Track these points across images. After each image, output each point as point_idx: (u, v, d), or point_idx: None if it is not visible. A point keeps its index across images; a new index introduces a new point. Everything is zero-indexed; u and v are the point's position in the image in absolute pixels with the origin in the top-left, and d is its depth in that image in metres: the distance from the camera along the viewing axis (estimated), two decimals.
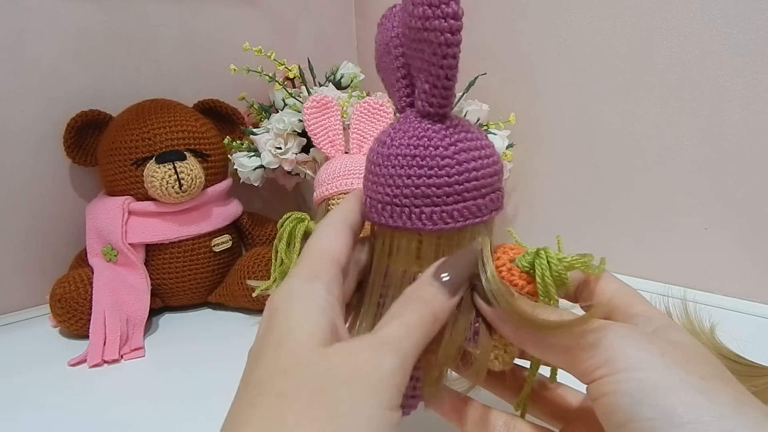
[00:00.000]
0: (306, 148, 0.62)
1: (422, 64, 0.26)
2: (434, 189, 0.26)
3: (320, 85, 0.68)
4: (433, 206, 0.26)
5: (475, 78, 0.62)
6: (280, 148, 0.61)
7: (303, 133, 0.60)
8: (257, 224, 0.65)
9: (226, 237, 0.60)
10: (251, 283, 0.54)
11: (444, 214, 0.26)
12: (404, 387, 0.22)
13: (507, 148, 0.65)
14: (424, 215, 0.26)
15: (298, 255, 0.47)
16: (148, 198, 0.56)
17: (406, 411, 0.27)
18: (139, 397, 0.43)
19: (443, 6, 0.23)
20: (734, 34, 0.51)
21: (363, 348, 0.22)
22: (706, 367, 0.21)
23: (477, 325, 0.27)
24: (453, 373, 0.28)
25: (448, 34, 0.23)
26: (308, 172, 0.62)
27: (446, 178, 0.26)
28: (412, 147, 0.26)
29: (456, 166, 0.26)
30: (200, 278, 0.58)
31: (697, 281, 0.57)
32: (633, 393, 0.20)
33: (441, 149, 0.26)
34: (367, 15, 0.86)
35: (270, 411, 0.20)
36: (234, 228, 0.63)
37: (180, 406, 0.41)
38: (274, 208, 0.76)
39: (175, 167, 0.54)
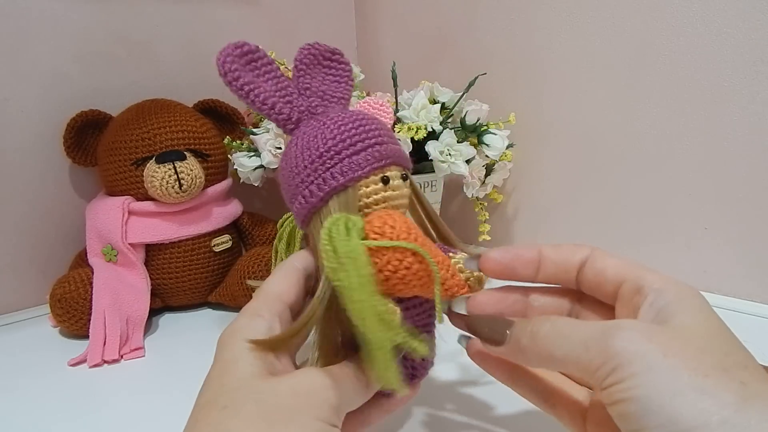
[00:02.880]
0: None
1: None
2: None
3: None
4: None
5: (475, 78, 0.62)
6: (280, 148, 0.61)
7: None
8: (257, 224, 0.65)
9: (226, 237, 0.60)
10: (251, 283, 0.54)
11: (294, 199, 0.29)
12: (342, 417, 0.24)
13: (507, 148, 0.65)
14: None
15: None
16: (148, 198, 0.56)
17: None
18: (139, 397, 0.43)
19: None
20: (734, 34, 0.51)
21: (308, 372, 0.24)
22: (710, 358, 0.21)
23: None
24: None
25: None
26: None
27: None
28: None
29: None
30: (200, 278, 0.58)
31: (697, 281, 0.57)
32: (640, 400, 0.20)
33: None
34: (367, 15, 0.86)
35: (213, 420, 0.22)
36: (234, 228, 0.63)
37: (180, 406, 0.41)
38: (274, 208, 0.76)
39: (175, 167, 0.54)
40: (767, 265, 0.53)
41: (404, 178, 0.30)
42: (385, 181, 0.29)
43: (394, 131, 0.59)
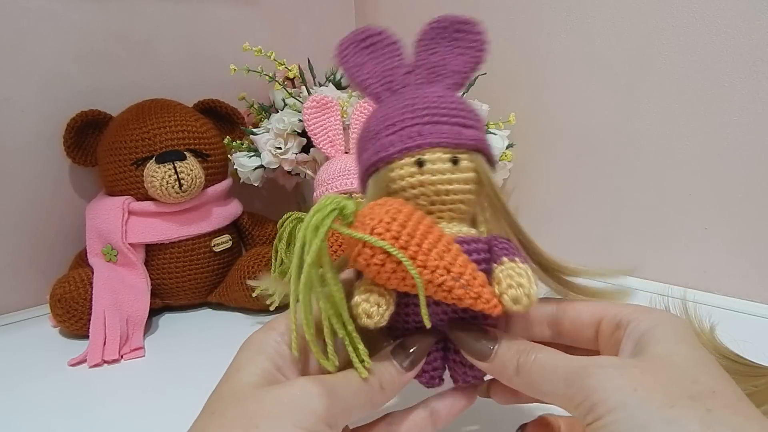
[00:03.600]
0: (306, 148, 0.62)
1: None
2: None
3: (320, 85, 0.68)
4: None
5: (475, 78, 0.62)
6: (280, 148, 0.61)
7: (303, 133, 0.60)
8: (257, 224, 0.65)
9: (226, 237, 0.60)
10: (251, 283, 0.54)
11: None
12: (333, 425, 0.24)
13: (507, 148, 0.65)
14: None
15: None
16: (148, 198, 0.56)
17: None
18: (139, 397, 0.43)
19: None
20: (734, 34, 0.51)
21: (299, 381, 0.24)
22: (678, 387, 0.21)
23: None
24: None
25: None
26: (308, 172, 0.62)
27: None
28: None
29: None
30: (200, 278, 0.58)
31: (697, 281, 0.57)
32: None
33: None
34: (367, 15, 0.86)
35: (199, 426, 0.23)
36: (234, 228, 0.63)
37: (180, 406, 0.41)
38: (274, 208, 0.76)
39: (175, 167, 0.54)
40: (767, 265, 0.53)
41: (454, 161, 0.27)
42: (420, 163, 0.27)
43: None
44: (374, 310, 0.25)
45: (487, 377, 0.29)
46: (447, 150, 0.27)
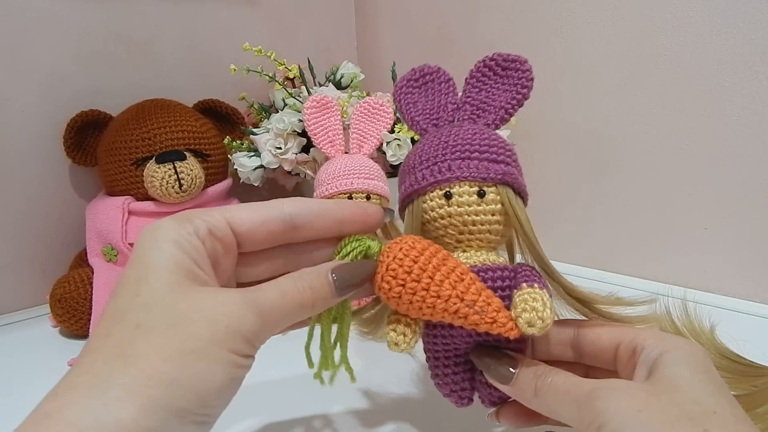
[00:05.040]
0: (306, 148, 0.62)
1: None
2: None
3: (320, 85, 0.68)
4: None
5: None
6: (280, 148, 0.61)
7: (303, 133, 0.60)
8: None
9: None
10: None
11: None
12: (258, 346, 0.23)
13: None
14: None
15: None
16: (148, 198, 0.56)
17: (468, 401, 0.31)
18: None
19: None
20: (734, 34, 0.51)
21: (230, 299, 0.23)
22: (678, 409, 0.22)
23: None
24: None
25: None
26: (308, 172, 0.62)
27: None
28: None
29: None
30: None
31: (697, 281, 0.57)
32: None
33: None
34: (367, 15, 0.86)
35: (123, 339, 0.21)
36: None
37: None
38: None
39: (175, 167, 0.54)
40: (767, 265, 0.53)
41: (480, 194, 0.29)
42: (448, 196, 0.29)
43: (393, 131, 0.59)
44: (401, 338, 0.28)
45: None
46: (474, 183, 0.29)
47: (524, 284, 0.28)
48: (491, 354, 0.29)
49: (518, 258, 0.31)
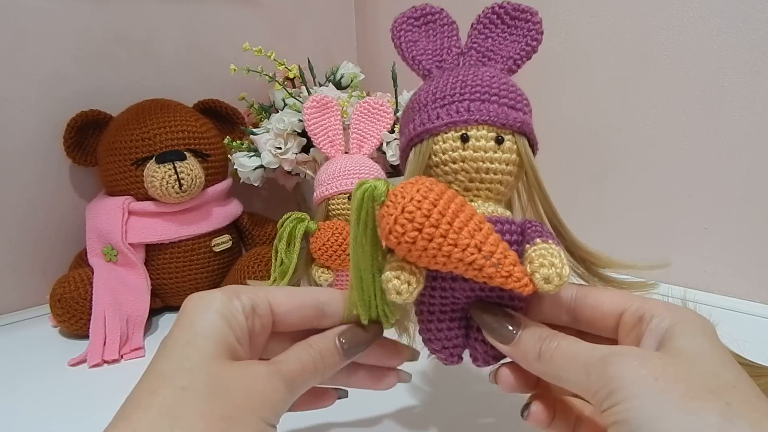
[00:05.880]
0: (306, 148, 0.62)
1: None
2: None
3: (320, 85, 0.68)
4: None
5: None
6: (280, 148, 0.61)
7: (303, 133, 0.60)
8: (257, 224, 0.65)
9: (226, 237, 0.60)
10: (251, 282, 0.54)
11: None
12: (281, 414, 0.25)
13: None
14: None
15: (298, 255, 0.47)
16: (148, 198, 0.56)
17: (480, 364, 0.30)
18: None
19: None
20: (734, 34, 0.51)
21: (262, 372, 0.25)
22: (699, 380, 0.21)
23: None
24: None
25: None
26: (308, 172, 0.62)
27: None
28: None
29: None
30: (200, 278, 0.58)
31: (697, 281, 0.57)
32: (631, 422, 0.21)
33: None
34: (367, 15, 0.86)
35: (170, 400, 0.22)
36: (234, 228, 0.63)
37: None
38: (274, 208, 0.76)
39: (175, 167, 0.54)
40: (767, 265, 0.53)
41: (498, 140, 0.27)
42: (464, 138, 0.27)
43: (393, 131, 0.59)
44: (404, 287, 0.26)
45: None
46: (492, 129, 0.27)
47: (538, 239, 0.27)
48: (493, 311, 0.28)
49: (518, 214, 0.30)
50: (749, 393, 0.21)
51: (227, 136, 0.63)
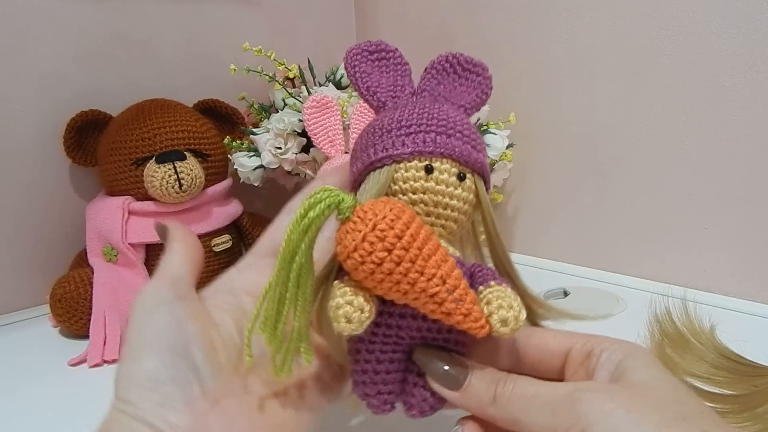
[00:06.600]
0: (306, 148, 0.62)
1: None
2: None
3: (320, 85, 0.68)
4: None
5: None
6: (280, 148, 0.61)
7: (303, 133, 0.60)
8: (257, 224, 0.65)
9: (226, 237, 0.60)
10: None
11: None
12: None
13: (507, 148, 0.65)
14: None
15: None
16: (148, 198, 0.56)
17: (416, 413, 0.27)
18: None
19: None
20: (734, 34, 0.51)
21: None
22: (669, 409, 0.21)
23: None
24: None
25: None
26: (308, 172, 0.62)
27: None
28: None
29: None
30: (200, 278, 0.58)
31: (697, 281, 0.57)
32: None
33: None
34: (367, 15, 0.86)
35: None
36: (234, 228, 0.63)
37: None
38: (274, 208, 0.76)
39: (175, 167, 0.54)
40: (767, 265, 0.53)
41: (460, 177, 0.27)
42: (428, 169, 0.26)
43: None
44: (356, 315, 0.23)
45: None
46: (455, 164, 0.27)
47: (493, 282, 0.26)
48: (439, 355, 0.26)
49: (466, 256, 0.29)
50: (716, 419, 0.22)
51: (227, 136, 0.63)
